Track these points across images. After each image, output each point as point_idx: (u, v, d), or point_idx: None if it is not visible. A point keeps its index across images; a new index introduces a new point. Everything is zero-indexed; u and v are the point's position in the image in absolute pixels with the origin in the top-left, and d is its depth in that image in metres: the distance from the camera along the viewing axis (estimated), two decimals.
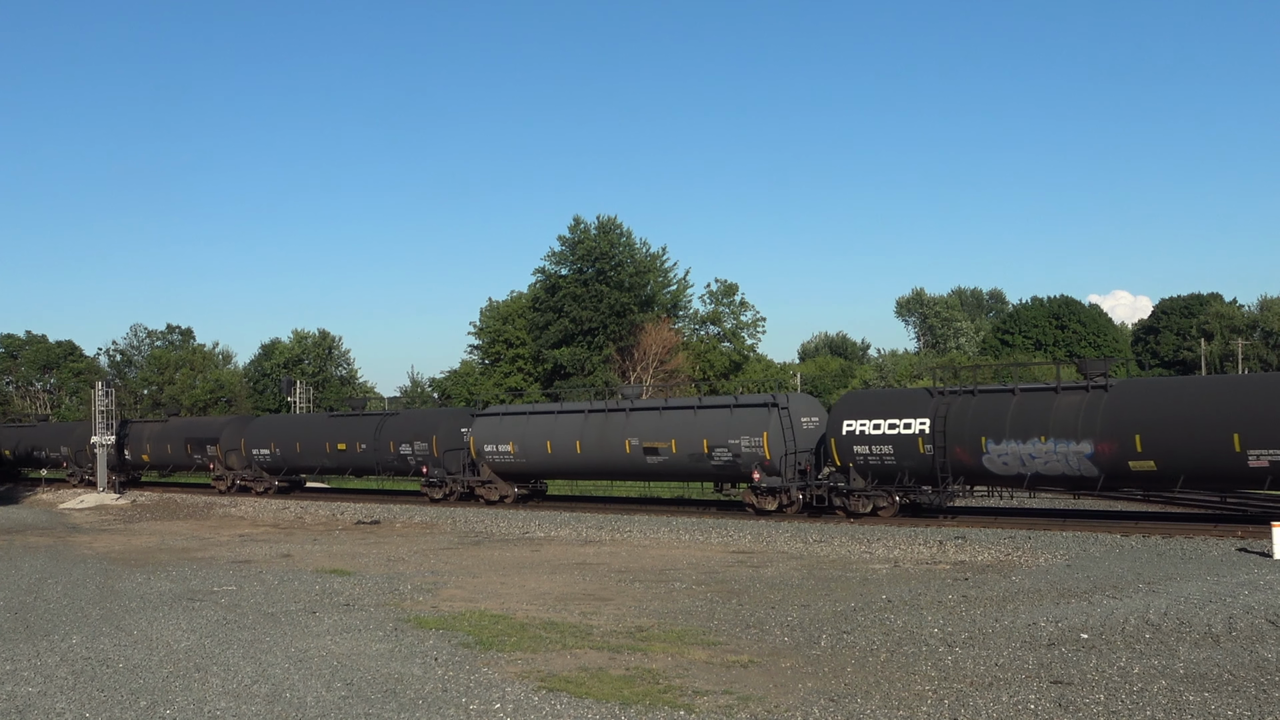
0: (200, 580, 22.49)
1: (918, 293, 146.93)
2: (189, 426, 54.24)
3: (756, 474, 31.75)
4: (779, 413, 31.99)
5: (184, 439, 51.85)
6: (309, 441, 45.94)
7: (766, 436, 31.78)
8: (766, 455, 31.76)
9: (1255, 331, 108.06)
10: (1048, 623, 15.36)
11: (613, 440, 35.15)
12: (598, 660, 13.85)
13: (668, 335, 73.67)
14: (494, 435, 38.50)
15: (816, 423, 32.83)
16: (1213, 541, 23.16)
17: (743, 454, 32.29)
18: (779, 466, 31.73)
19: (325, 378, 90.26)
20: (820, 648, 14.39)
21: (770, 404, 32.32)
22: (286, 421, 52.33)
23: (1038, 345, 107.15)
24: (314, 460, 45.89)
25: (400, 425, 42.49)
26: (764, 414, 32.21)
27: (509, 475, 38.82)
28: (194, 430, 52.75)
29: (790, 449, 31.79)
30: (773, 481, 31.64)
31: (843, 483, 30.28)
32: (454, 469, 40.42)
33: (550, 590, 20.25)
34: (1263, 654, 13.01)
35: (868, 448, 29.69)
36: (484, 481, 38.95)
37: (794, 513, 31.48)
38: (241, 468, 48.94)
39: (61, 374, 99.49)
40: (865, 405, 30.73)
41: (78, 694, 12.65)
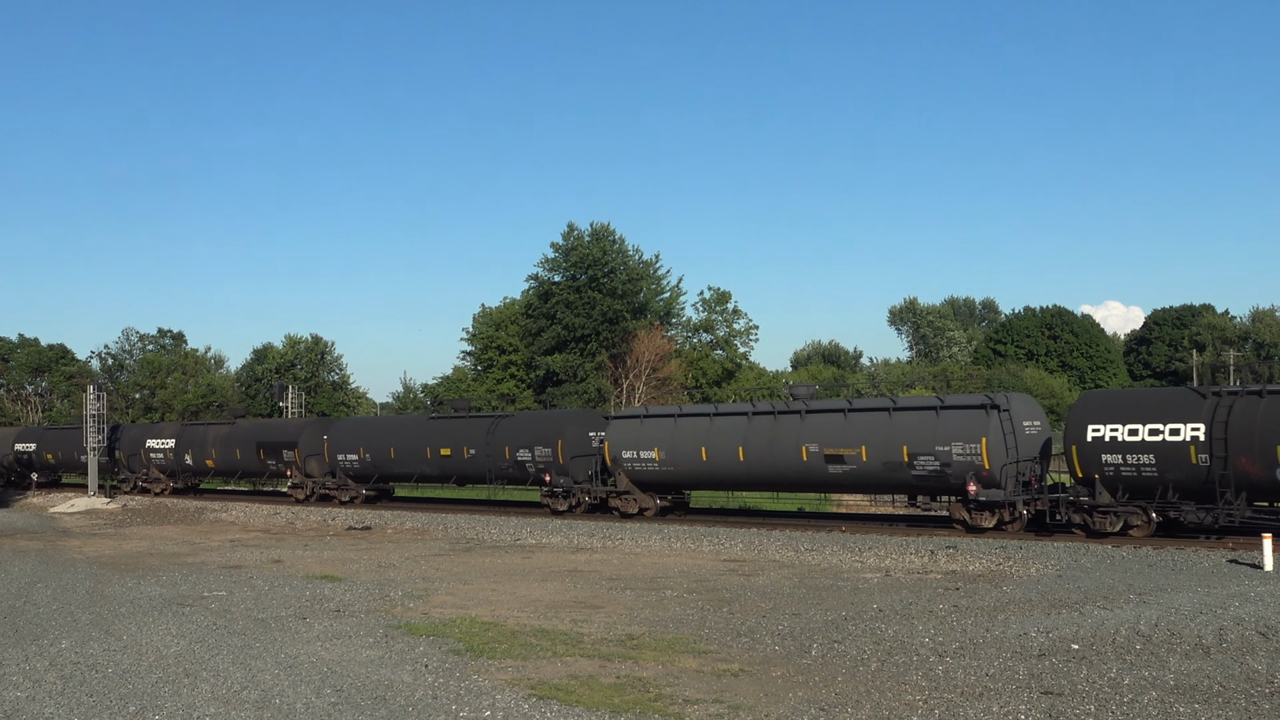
0: (190, 585, 22.44)
1: (910, 302, 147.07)
2: (261, 429, 49.63)
3: (972, 486, 27.87)
4: (999, 415, 28.11)
5: (255, 443, 47.65)
6: (406, 446, 41.62)
7: (985, 443, 27.81)
8: (985, 464, 27.83)
9: (1247, 343, 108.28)
10: (1039, 633, 15.37)
11: (785, 446, 31.22)
12: (588, 668, 13.84)
13: (660, 343, 73.72)
14: (634, 440, 34.64)
15: (1039, 427, 29.36)
16: (1203, 553, 23.19)
17: (954, 463, 28.26)
18: (999, 477, 27.83)
19: (317, 383, 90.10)
20: (811, 657, 14.39)
21: (988, 405, 28.39)
22: (379, 424, 47.73)
23: (1030, 355, 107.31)
24: (411, 466, 41.48)
25: (518, 428, 38.53)
26: (980, 416, 28.26)
27: (650, 485, 34.88)
28: (267, 433, 48.34)
29: (1012, 457, 27.98)
30: (992, 494, 27.75)
31: (1086, 496, 26.52)
32: (581, 478, 36.50)
33: (541, 597, 20.23)
34: (1253, 665, 13.02)
35: (1120, 457, 25.90)
36: (619, 492, 35.03)
37: (1017, 530, 28.01)
38: (322, 474, 44.93)
39: (53, 377, 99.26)
40: (1117, 407, 26.71)
41: (66, 699, 12.61)
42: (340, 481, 43.98)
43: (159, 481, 52.53)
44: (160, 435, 53.18)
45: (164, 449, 51.61)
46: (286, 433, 47.25)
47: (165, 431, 53.33)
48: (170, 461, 51.69)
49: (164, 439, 52.40)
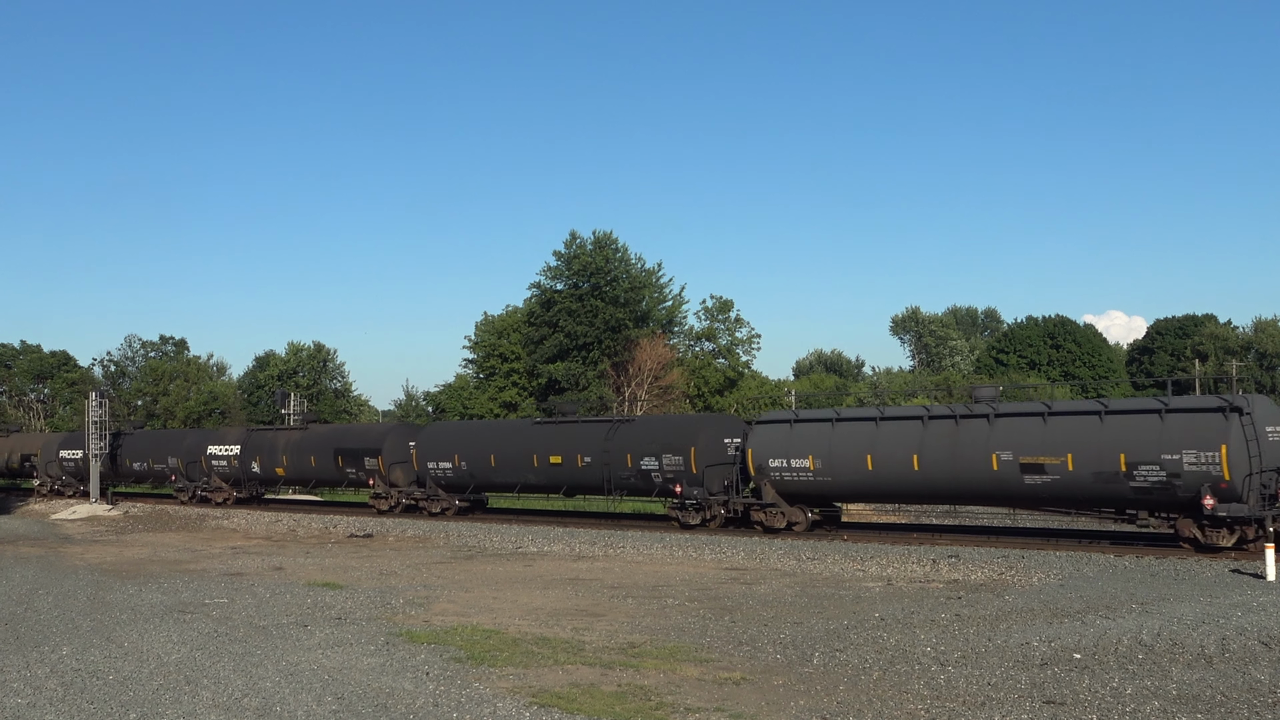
0: (191, 592, 22.43)
1: (913, 311, 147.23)
2: (340, 435, 46.03)
3: (1209, 500, 24.71)
4: (1240, 419, 24.95)
5: (333, 450, 44.25)
6: (509, 453, 38.29)
7: (1225, 450, 24.68)
8: (1225, 475, 24.73)
9: (1249, 353, 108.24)
10: (1040, 642, 15.35)
11: (970, 454, 28.05)
12: (589, 676, 13.82)
13: (662, 351, 73.75)
14: (784, 447, 31.44)
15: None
16: (1206, 562, 23.16)
17: (1184, 473, 25.20)
18: (1240, 490, 24.70)
19: (319, 390, 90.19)
20: (813, 665, 14.37)
21: (1227, 407, 25.12)
22: (476, 430, 43.63)
23: (1032, 365, 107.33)
24: (514, 475, 38.21)
25: (643, 434, 35.40)
26: (1218, 421, 25.03)
27: (800, 497, 31.64)
28: (347, 439, 44.85)
29: (1255, 467, 24.87)
30: (1233, 509, 24.51)
31: None
32: (716, 489, 33.31)
33: (542, 605, 20.21)
34: (1255, 675, 13.00)
35: None
36: (764, 505, 31.80)
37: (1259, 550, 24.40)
38: (408, 484, 42.01)
39: (55, 384, 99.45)
40: None
41: (67, 706, 12.60)
42: (430, 491, 40.69)
43: (220, 490, 49.30)
44: (223, 441, 49.92)
45: (227, 456, 48.60)
46: (368, 438, 44.03)
47: (229, 438, 50.18)
48: (234, 469, 48.53)
49: (227, 445, 49.33)
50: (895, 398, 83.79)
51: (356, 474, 43.50)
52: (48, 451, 60.29)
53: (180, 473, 51.51)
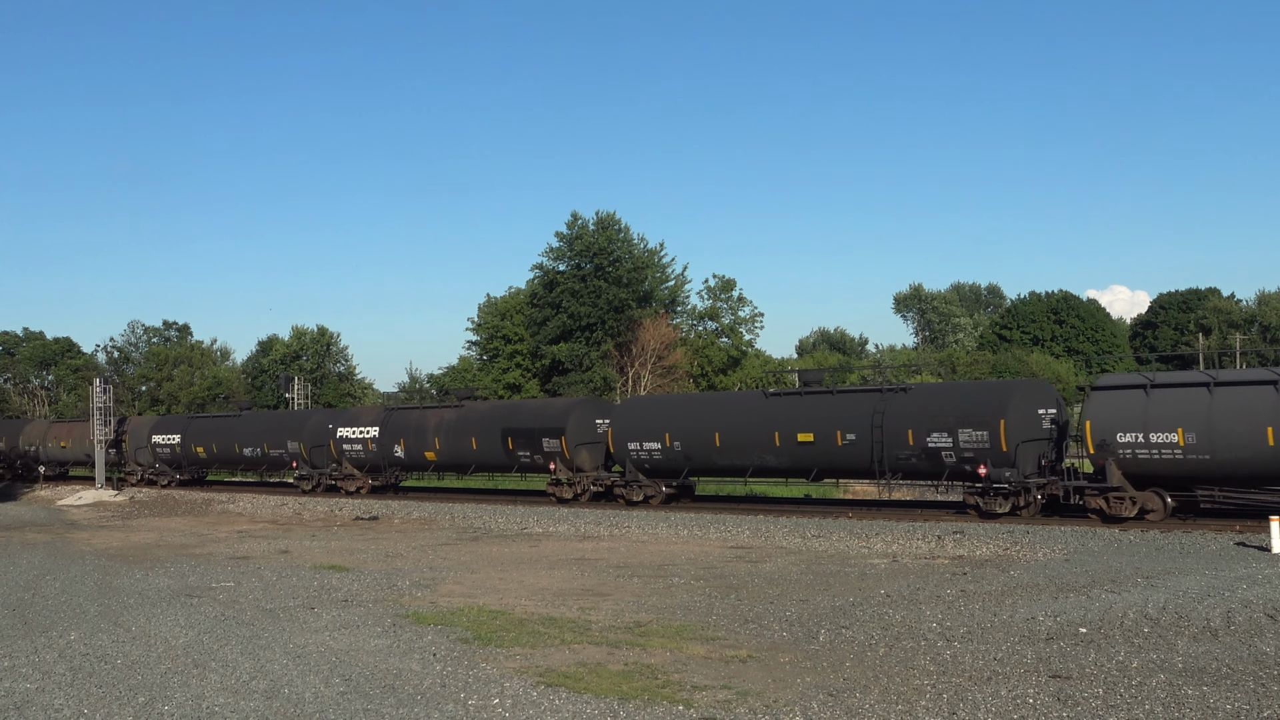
0: (198, 576, 22.48)
1: (916, 288, 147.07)
2: (510, 413, 40.60)
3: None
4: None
5: (500, 430, 38.73)
6: (739, 430, 32.39)
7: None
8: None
9: (1253, 326, 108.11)
10: (1046, 617, 15.37)
11: None
12: (596, 655, 13.84)
13: (666, 331, 73.73)
14: (1137, 418, 25.72)
15: None
16: (1211, 536, 23.16)
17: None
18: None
19: (323, 374, 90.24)
20: (819, 642, 14.39)
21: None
22: (693, 404, 37.14)
23: (1036, 341, 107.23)
24: (745, 457, 32.32)
25: (928, 405, 29.45)
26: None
27: (1158, 479, 25.90)
28: (519, 418, 39.27)
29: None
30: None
31: None
32: (1029, 469, 27.85)
33: (548, 585, 20.25)
34: (1261, 648, 13.01)
35: None
36: (1106, 489, 26.21)
37: None
38: (593, 468, 36.92)
39: (59, 371, 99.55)
40: None
41: (76, 690, 12.64)
42: (630, 476, 35.11)
43: (353, 478, 43.87)
44: (357, 422, 44.10)
45: (363, 439, 43.11)
46: (548, 416, 38.29)
47: (363, 418, 44.47)
48: (372, 454, 43.02)
49: (362, 427, 43.49)
50: (898, 375, 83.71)
51: (531, 458, 38.00)
52: (136, 436, 54.13)
53: (303, 459, 45.69)
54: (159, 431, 53.20)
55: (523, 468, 38.88)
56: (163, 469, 52.26)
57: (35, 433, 61.68)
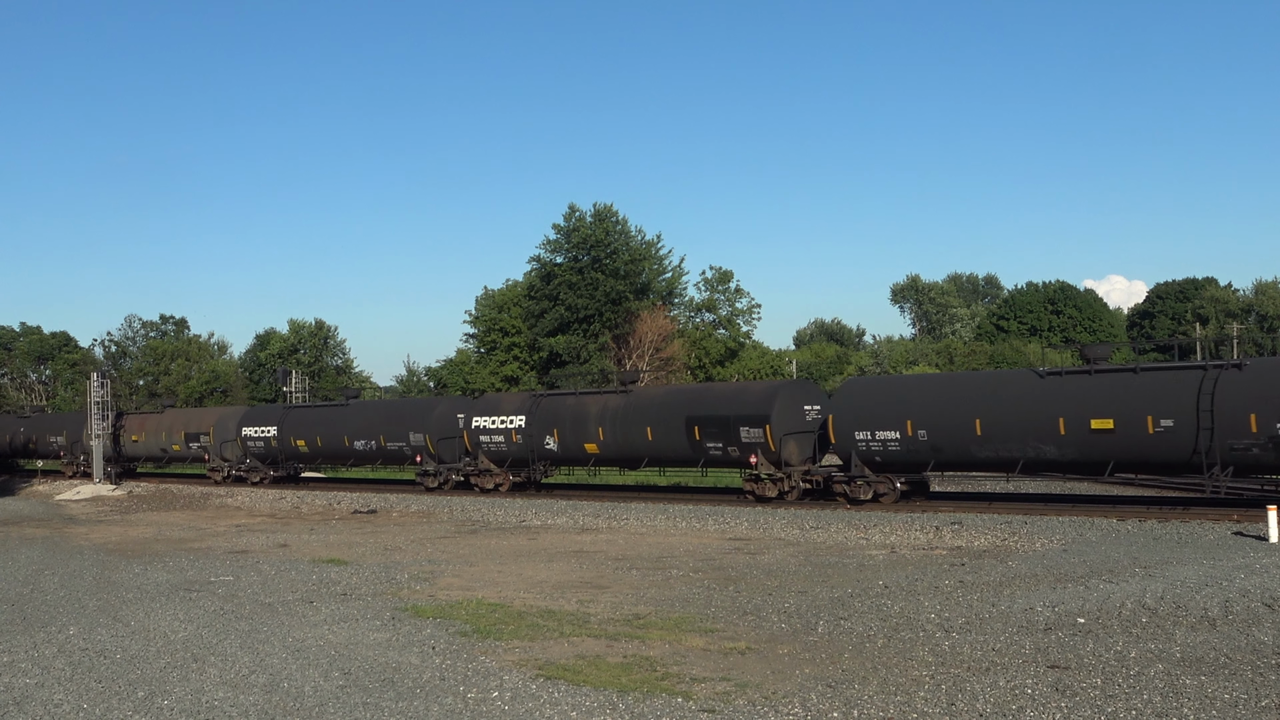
0: (197, 571, 22.48)
1: (913, 279, 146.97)
2: (695, 398, 34.62)
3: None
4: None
5: (684, 419, 33.50)
6: (1007, 416, 27.87)
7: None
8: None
9: (1250, 315, 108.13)
10: (1044, 607, 15.39)
11: None
12: (595, 648, 13.86)
13: (663, 323, 73.66)
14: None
15: None
16: (1208, 525, 23.19)
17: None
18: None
19: (321, 367, 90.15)
20: (817, 634, 14.41)
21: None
22: (941, 386, 31.63)
23: (1033, 331, 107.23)
24: (1016, 447, 27.76)
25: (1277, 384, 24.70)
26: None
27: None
28: (707, 403, 33.66)
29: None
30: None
31: None
32: None
33: (547, 578, 20.26)
34: (1259, 637, 13.03)
35: None
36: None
37: None
38: (801, 461, 31.91)
39: (56, 365, 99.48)
40: None
41: (75, 685, 12.65)
42: (856, 470, 30.44)
43: (490, 474, 39.23)
44: (497, 411, 39.09)
45: (505, 429, 38.29)
46: (746, 402, 32.71)
47: (506, 406, 39.32)
48: (516, 447, 38.08)
49: (505, 416, 38.57)
50: (896, 366, 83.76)
51: (725, 450, 32.70)
52: (223, 429, 49.91)
53: (428, 453, 41.10)
54: (251, 423, 48.70)
55: (711, 461, 33.48)
56: (254, 465, 48.22)
57: (71, 421, 59.88)
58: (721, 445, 32.65)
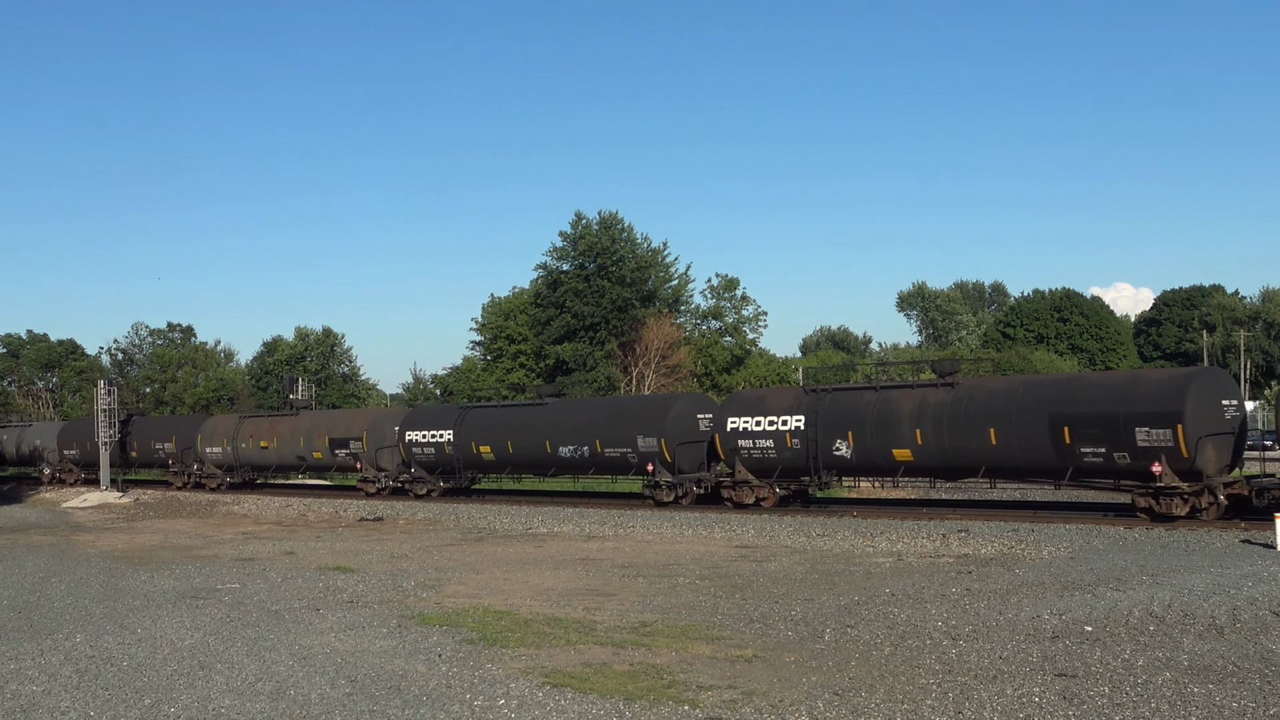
0: (204, 578, 22.49)
1: (919, 286, 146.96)
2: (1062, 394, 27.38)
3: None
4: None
5: (1048, 417, 26.90)
6: None
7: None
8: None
9: (1257, 323, 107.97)
10: (1051, 615, 15.35)
11: None
12: (602, 656, 13.84)
13: (669, 330, 73.71)
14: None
15: None
16: (1216, 533, 23.12)
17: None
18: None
19: (328, 375, 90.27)
20: (824, 642, 14.38)
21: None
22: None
23: (1040, 338, 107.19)
24: None
25: None
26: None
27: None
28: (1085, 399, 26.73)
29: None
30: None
31: None
32: None
33: (554, 586, 20.25)
34: (1267, 645, 13.00)
35: None
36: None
37: None
38: (1218, 470, 25.55)
39: (63, 373, 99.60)
40: None
41: (82, 693, 12.65)
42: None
43: (748, 486, 32.35)
44: (760, 410, 32.50)
45: (774, 433, 31.66)
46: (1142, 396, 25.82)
47: (773, 403, 32.65)
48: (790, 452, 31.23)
49: (772, 416, 32.05)
50: (903, 373, 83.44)
51: (1108, 457, 26.29)
52: (379, 433, 43.23)
53: (663, 460, 34.19)
54: (417, 426, 41.70)
55: (1085, 471, 26.93)
56: (419, 475, 41.24)
57: (219, 429, 51.00)
58: (1100, 451, 26.33)
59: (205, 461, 50.29)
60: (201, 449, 50.39)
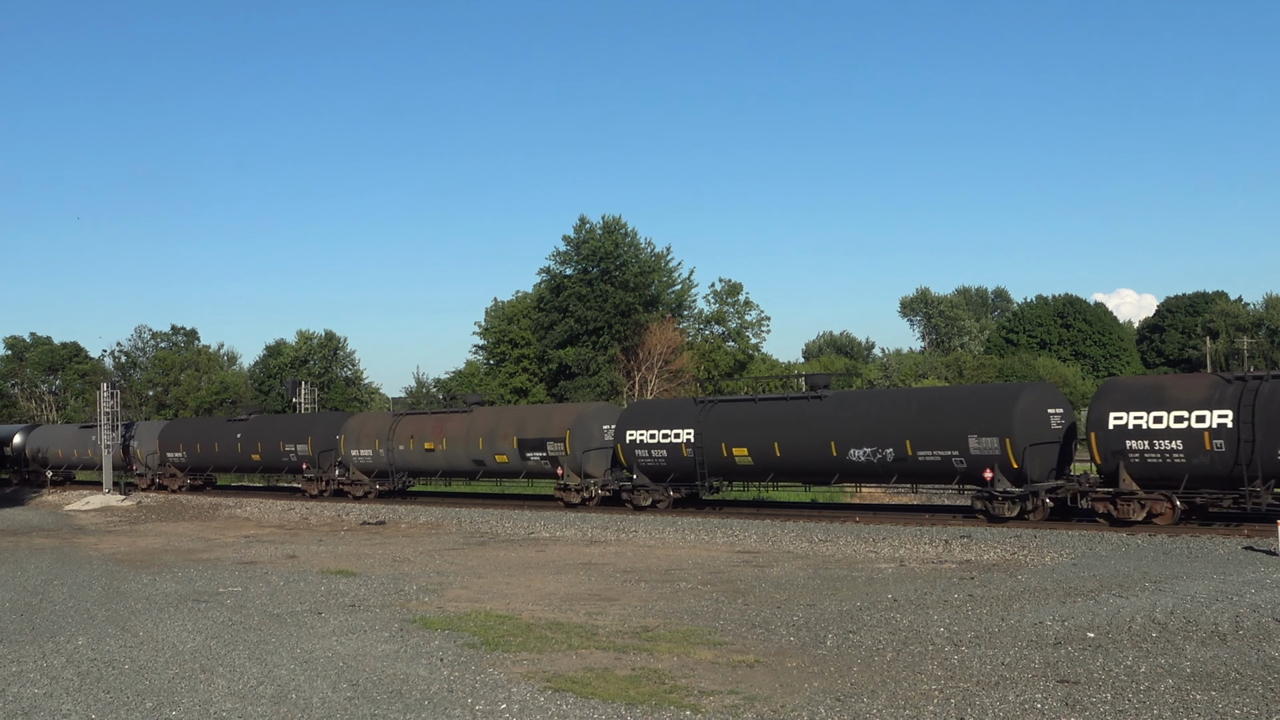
0: (206, 581, 22.50)
1: (922, 292, 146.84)
2: None
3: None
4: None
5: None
6: None
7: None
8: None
9: (1260, 329, 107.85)
10: (1054, 622, 15.34)
11: None
12: (603, 660, 13.83)
13: (672, 335, 73.69)
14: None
15: None
16: (1219, 540, 23.11)
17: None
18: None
19: (330, 379, 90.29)
20: (826, 647, 14.37)
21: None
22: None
23: (1043, 345, 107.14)
24: None
25: None
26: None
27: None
28: None
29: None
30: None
31: None
32: None
33: (556, 590, 20.24)
34: (1270, 652, 12.98)
35: None
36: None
37: None
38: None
39: (67, 376, 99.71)
40: None
41: (84, 695, 12.66)
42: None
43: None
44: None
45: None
46: None
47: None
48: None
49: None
50: (905, 380, 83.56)
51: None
52: (585, 432, 37.09)
53: (1007, 467, 28.02)
54: (639, 425, 35.36)
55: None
56: (641, 482, 35.26)
57: (368, 429, 44.11)
58: None
59: (350, 466, 44.06)
60: (346, 451, 44.11)
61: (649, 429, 34.68)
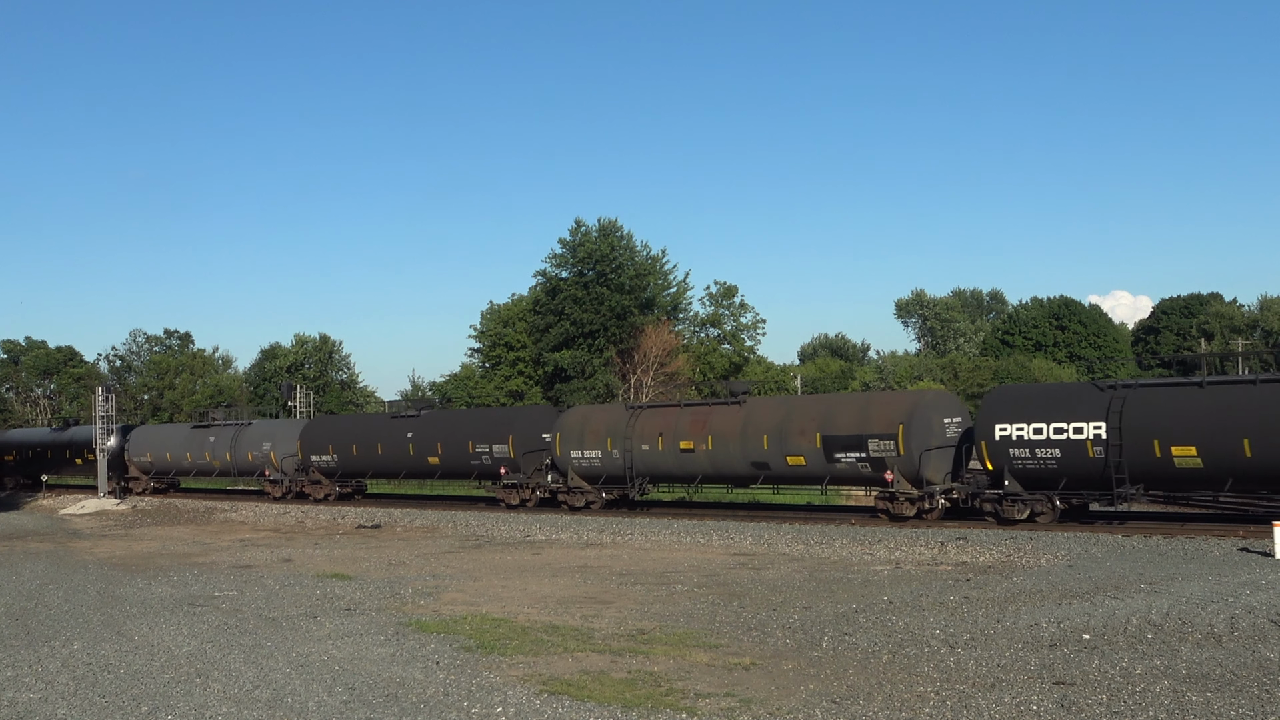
0: (201, 585, 22.47)
1: (917, 294, 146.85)
2: None
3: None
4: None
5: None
6: None
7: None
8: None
9: (1255, 331, 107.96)
10: (1050, 623, 15.35)
11: None
12: (599, 663, 13.83)
13: (668, 338, 73.69)
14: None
15: None
16: (1214, 541, 23.14)
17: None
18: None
19: (326, 382, 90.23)
20: (822, 649, 14.38)
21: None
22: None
23: (1038, 346, 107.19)
24: None
25: None
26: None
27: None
28: None
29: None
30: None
31: None
32: None
33: (551, 593, 20.24)
34: (1265, 654, 13.00)
35: None
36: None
37: None
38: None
39: (62, 379, 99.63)
40: None
41: (79, 700, 12.64)
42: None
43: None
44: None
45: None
46: None
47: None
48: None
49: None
50: (901, 382, 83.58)
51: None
52: (924, 426, 29.94)
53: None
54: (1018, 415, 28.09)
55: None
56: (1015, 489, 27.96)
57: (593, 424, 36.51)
58: None
59: (568, 470, 36.69)
60: (563, 452, 36.68)
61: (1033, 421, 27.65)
